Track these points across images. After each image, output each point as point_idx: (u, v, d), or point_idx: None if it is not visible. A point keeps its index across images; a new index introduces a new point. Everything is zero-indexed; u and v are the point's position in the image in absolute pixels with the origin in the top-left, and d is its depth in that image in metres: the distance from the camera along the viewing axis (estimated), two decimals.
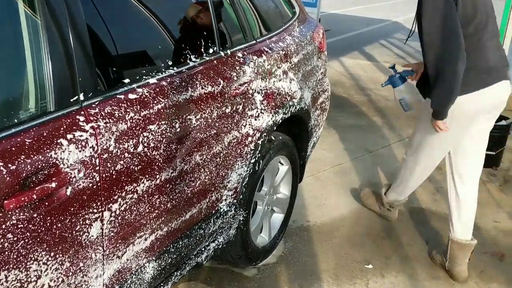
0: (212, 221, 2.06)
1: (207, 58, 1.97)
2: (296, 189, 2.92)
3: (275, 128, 2.36)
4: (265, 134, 2.27)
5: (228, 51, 2.11)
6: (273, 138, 2.48)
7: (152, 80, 1.67)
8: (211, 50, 2.02)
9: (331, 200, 3.39)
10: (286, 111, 2.44)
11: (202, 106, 1.84)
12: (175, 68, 1.79)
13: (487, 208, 3.35)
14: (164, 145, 1.66)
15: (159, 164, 1.65)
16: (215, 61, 1.99)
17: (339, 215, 3.21)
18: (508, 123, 3.90)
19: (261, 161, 2.33)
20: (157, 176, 1.65)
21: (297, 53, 2.64)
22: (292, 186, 2.84)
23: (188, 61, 1.88)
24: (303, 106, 2.65)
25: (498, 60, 2.35)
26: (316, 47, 2.91)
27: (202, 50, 1.97)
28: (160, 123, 1.64)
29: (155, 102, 1.64)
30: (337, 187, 3.60)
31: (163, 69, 1.75)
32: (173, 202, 1.76)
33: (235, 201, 2.18)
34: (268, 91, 2.30)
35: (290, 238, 2.91)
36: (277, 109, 2.35)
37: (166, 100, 1.68)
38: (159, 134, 1.63)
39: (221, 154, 2.01)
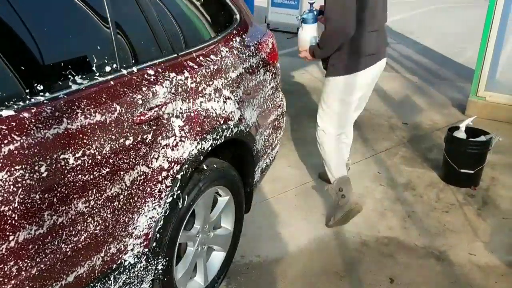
0: (112, 278, 1.67)
1: (100, 79, 1.59)
2: (242, 221, 2.55)
3: (201, 157, 1.98)
4: (187, 166, 1.89)
5: (134, 69, 1.72)
6: (205, 167, 2.10)
7: (6, 112, 1.29)
8: (107, 68, 1.63)
9: (288, 229, 3.02)
10: (218, 137, 2.06)
11: (85, 141, 1.46)
12: (47, 94, 1.41)
13: (463, 236, 2.99)
14: (21, 196, 1.28)
15: (13, 221, 1.27)
16: (111, 82, 1.61)
17: (296, 248, 2.83)
18: (487, 138, 3.55)
19: (186, 196, 1.96)
20: (11, 238, 1.27)
21: (235, 67, 2.26)
22: (236, 219, 2.47)
23: (71, 83, 1.50)
24: (244, 128, 2.28)
25: (378, 45, 2.95)
26: (263, 58, 2.54)
27: (94, 68, 1.59)
28: (13, 170, 1.26)
29: (7, 142, 1.25)
30: (297, 211, 3.22)
31: (27, 96, 1.37)
32: (42, 265, 1.38)
33: (146, 250, 1.79)
34: (192, 114, 1.92)
35: (234, 279, 2.53)
36: (204, 135, 1.97)
37: (25, 138, 1.30)
38: (11, 183, 1.25)
39: (121, 197, 1.63)
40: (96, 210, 1.53)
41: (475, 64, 5.23)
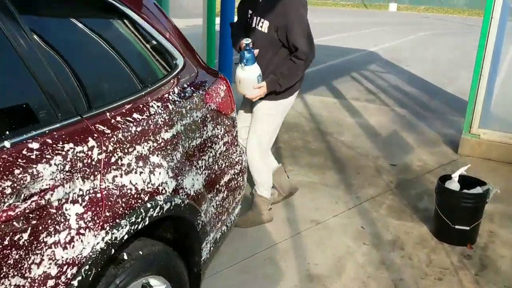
0: None
1: None
2: None
3: (113, 250, 1.52)
4: (88, 266, 1.42)
5: (6, 143, 1.27)
6: (126, 257, 1.64)
7: None
8: None
9: None
10: (140, 219, 1.60)
11: None
12: None
13: None
14: None
15: None
16: None
17: None
18: (484, 190, 3.10)
19: None
20: None
21: (170, 125, 1.82)
22: None
23: None
24: (181, 202, 1.82)
25: None
26: (211, 110, 2.10)
27: None
28: None
29: None
30: (266, 283, 2.73)
31: None
32: None
33: None
34: (98, 196, 1.47)
35: None
36: (116, 221, 1.51)
37: None
38: None
39: None
40: None
41: (467, 94, 4.82)
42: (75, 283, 1.38)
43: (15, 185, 1.23)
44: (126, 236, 1.55)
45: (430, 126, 5.77)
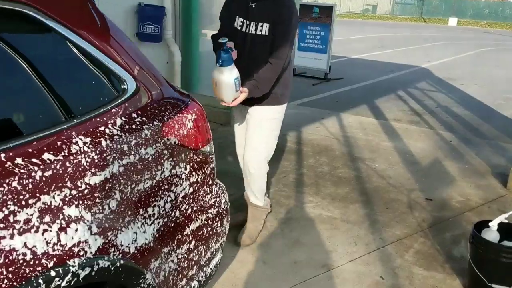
0: None
1: None
2: None
3: None
4: None
5: None
6: None
7: None
8: None
9: None
10: None
11: None
12: None
13: None
14: None
15: None
16: None
17: None
18: None
19: None
20: None
21: (102, 166, 1.45)
22: None
23: None
24: (109, 264, 1.44)
25: None
26: (172, 145, 1.72)
27: None
28: None
29: None
30: None
31: None
32: None
33: None
34: None
35: None
36: None
37: None
38: None
39: None
40: None
41: None
42: None
43: None
44: None
45: (478, 154, 5.14)
